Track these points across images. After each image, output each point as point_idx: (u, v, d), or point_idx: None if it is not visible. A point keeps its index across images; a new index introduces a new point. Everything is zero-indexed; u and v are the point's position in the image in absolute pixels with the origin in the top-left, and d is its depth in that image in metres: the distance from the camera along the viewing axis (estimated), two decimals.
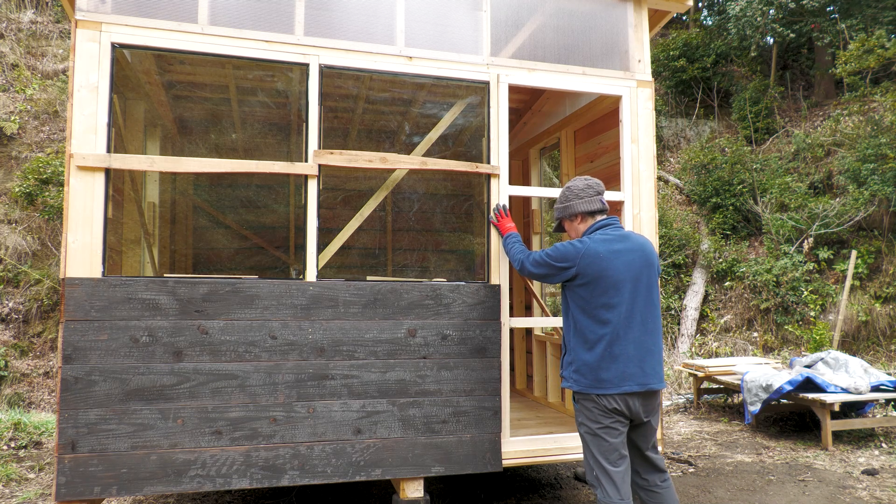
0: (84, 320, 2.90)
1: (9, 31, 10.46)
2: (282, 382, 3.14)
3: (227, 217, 5.76)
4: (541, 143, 5.50)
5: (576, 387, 2.81)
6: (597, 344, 2.76)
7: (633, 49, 3.94)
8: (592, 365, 2.75)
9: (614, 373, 2.73)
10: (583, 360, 2.79)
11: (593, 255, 2.77)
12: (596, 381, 2.74)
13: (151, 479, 2.94)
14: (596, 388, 2.74)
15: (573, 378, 2.83)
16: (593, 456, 2.78)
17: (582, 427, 2.84)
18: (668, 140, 13.04)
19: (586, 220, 2.97)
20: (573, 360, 2.84)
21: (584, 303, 2.79)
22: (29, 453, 5.17)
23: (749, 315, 9.74)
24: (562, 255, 2.84)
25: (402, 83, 4.79)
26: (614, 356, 2.73)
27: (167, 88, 4.73)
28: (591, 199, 2.95)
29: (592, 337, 2.77)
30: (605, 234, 2.85)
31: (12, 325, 8.00)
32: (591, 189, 2.97)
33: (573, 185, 3.02)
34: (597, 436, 2.77)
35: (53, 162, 8.75)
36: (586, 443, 2.82)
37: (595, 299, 2.77)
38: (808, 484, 4.52)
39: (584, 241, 2.84)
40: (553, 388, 5.17)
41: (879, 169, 9.13)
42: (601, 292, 2.76)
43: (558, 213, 3.08)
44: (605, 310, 2.75)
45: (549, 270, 2.91)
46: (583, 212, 2.95)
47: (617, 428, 2.77)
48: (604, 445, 2.76)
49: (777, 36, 11.55)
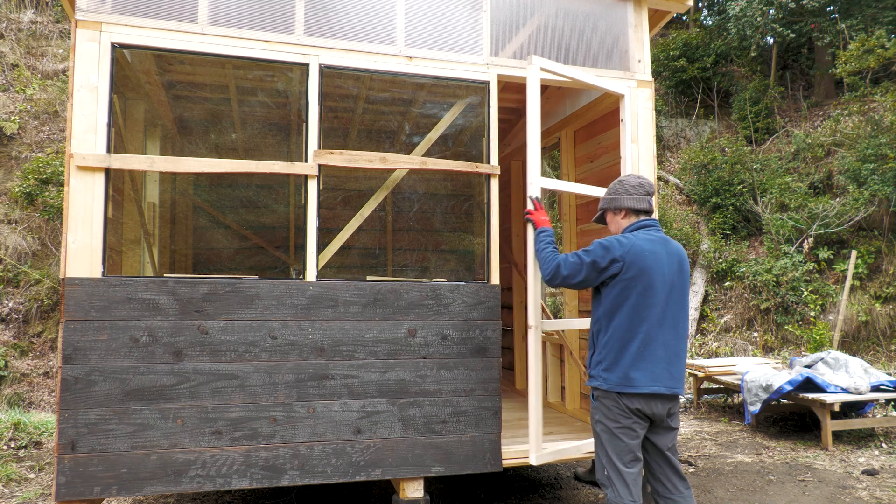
0: (84, 320, 2.90)
1: (9, 31, 10.45)
2: (282, 382, 3.14)
3: (227, 217, 5.76)
4: (541, 142, 5.50)
5: (605, 385, 2.75)
6: (630, 343, 2.71)
7: (633, 49, 3.94)
8: (624, 364, 2.71)
9: (644, 373, 2.69)
10: (613, 358, 2.74)
11: (639, 251, 2.73)
12: (625, 380, 2.70)
13: (151, 479, 2.94)
14: (625, 387, 2.70)
15: (602, 376, 2.77)
16: (607, 455, 2.75)
17: (598, 425, 2.80)
18: (668, 140, 13.04)
19: (630, 217, 2.94)
20: (603, 359, 2.78)
21: (622, 300, 2.74)
22: (29, 453, 5.17)
23: (749, 315, 9.74)
24: (607, 251, 2.75)
25: (402, 83, 4.79)
26: (646, 357, 2.70)
27: (167, 88, 4.73)
28: (641, 197, 2.93)
29: (627, 335, 2.72)
30: (649, 235, 2.82)
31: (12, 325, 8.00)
32: (642, 188, 2.95)
33: (625, 180, 3.00)
34: (614, 435, 2.73)
35: (53, 162, 8.75)
36: (601, 441, 2.79)
37: (634, 298, 2.72)
38: (808, 484, 4.52)
39: (628, 237, 2.79)
40: (553, 388, 5.17)
41: (879, 169, 9.13)
42: (641, 291, 2.72)
43: (604, 203, 3.04)
44: (642, 309, 2.72)
45: (590, 273, 2.78)
46: (629, 208, 2.93)
47: (635, 429, 2.74)
48: (619, 446, 2.73)
49: (777, 36, 11.55)
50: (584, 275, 2.78)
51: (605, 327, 2.80)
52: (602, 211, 3.08)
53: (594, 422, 2.84)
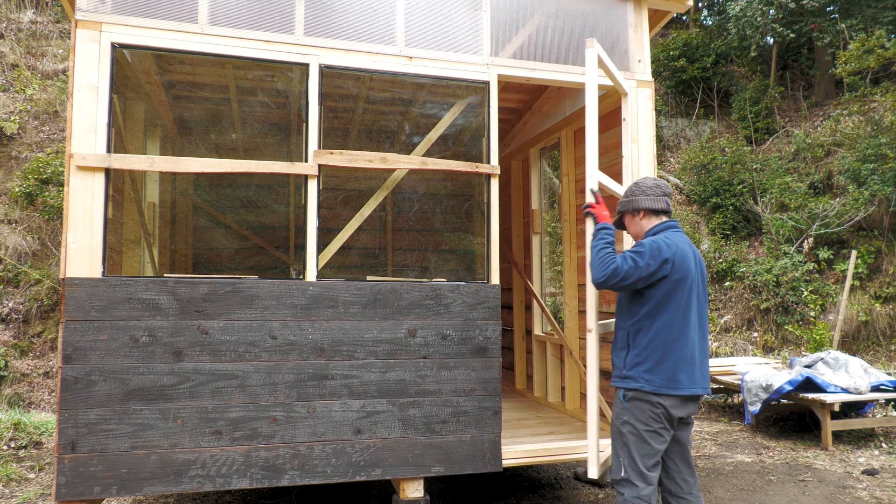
0: (84, 320, 2.90)
1: (9, 31, 10.45)
2: (282, 382, 3.14)
3: (227, 217, 5.76)
4: (541, 143, 5.50)
5: (648, 387, 2.71)
6: (674, 344, 2.71)
7: (633, 49, 3.94)
8: (669, 365, 2.70)
9: (687, 374, 2.71)
10: (658, 359, 2.72)
11: (682, 253, 2.75)
12: (671, 382, 2.69)
13: (151, 479, 2.94)
14: (670, 389, 2.69)
15: (645, 378, 2.73)
16: (631, 457, 2.73)
17: (626, 426, 2.76)
18: (668, 140, 13.04)
19: (649, 218, 2.94)
20: (644, 360, 2.75)
21: (667, 301, 2.73)
22: (29, 453, 5.17)
23: (749, 315, 9.74)
24: (659, 251, 2.72)
25: (402, 83, 4.79)
26: (687, 358, 2.72)
27: (167, 88, 4.73)
28: (658, 197, 2.93)
29: (671, 337, 2.71)
30: (680, 237, 2.83)
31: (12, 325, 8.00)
32: (659, 188, 2.96)
33: (641, 181, 3.00)
34: (642, 438, 2.72)
35: (53, 162, 8.74)
36: (626, 443, 2.76)
37: (677, 299, 2.73)
38: (808, 484, 4.52)
39: (670, 238, 2.78)
40: (553, 388, 5.17)
41: (879, 169, 9.13)
42: (682, 292, 2.73)
43: (621, 206, 3.03)
44: (684, 311, 2.73)
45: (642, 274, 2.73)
46: (646, 208, 2.92)
47: (663, 435, 2.74)
48: (646, 449, 2.72)
49: (777, 36, 11.55)
50: (635, 278, 2.73)
51: (646, 328, 2.77)
52: (620, 214, 3.07)
53: (620, 422, 2.80)
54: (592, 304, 3.15)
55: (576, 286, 4.85)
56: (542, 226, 5.73)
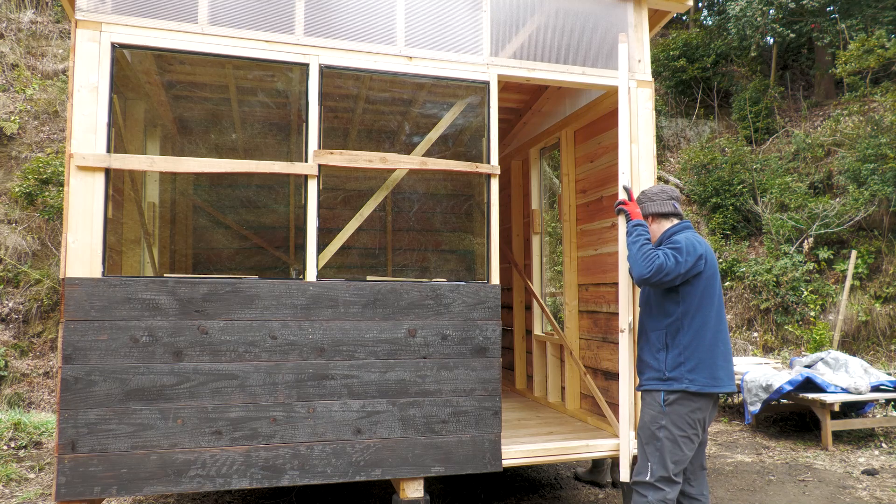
0: (84, 320, 2.90)
1: (9, 31, 10.45)
2: (282, 382, 3.14)
3: (227, 217, 5.76)
4: (541, 143, 5.50)
5: (693, 387, 2.72)
6: (715, 342, 2.75)
7: (633, 49, 3.94)
8: (709, 363, 2.73)
9: (725, 371, 2.75)
10: (700, 357, 2.73)
11: (710, 251, 2.82)
12: (713, 380, 2.72)
13: (151, 479, 2.94)
14: (712, 387, 2.72)
15: (688, 378, 2.73)
16: (663, 461, 2.73)
17: (663, 431, 2.76)
18: (668, 140, 13.03)
19: (659, 222, 2.99)
20: (687, 359, 2.75)
21: (705, 299, 2.76)
22: (29, 453, 5.17)
23: (749, 315, 9.74)
24: (693, 249, 2.76)
25: (402, 83, 4.79)
26: (725, 355, 2.78)
27: (167, 88, 4.73)
28: (664, 202, 2.99)
29: (710, 334, 2.74)
30: (697, 237, 2.88)
31: (12, 325, 8.00)
32: (665, 193, 3.02)
33: (647, 190, 3.10)
34: (677, 444, 2.74)
35: (53, 162, 8.74)
36: (661, 448, 2.75)
37: (713, 296, 2.78)
38: (808, 484, 4.52)
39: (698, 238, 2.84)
40: (553, 388, 5.17)
41: (879, 169, 9.13)
42: (713, 289, 2.79)
43: None
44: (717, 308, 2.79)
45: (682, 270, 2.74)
46: (654, 213, 2.99)
47: (694, 441, 2.78)
48: (678, 455, 2.74)
49: (777, 36, 11.55)
50: (676, 274, 2.75)
51: (685, 326, 2.77)
52: None
53: (657, 426, 2.79)
54: (626, 303, 3.12)
55: (576, 286, 4.85)
56: (542, 226, 5.73)
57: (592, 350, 4.57)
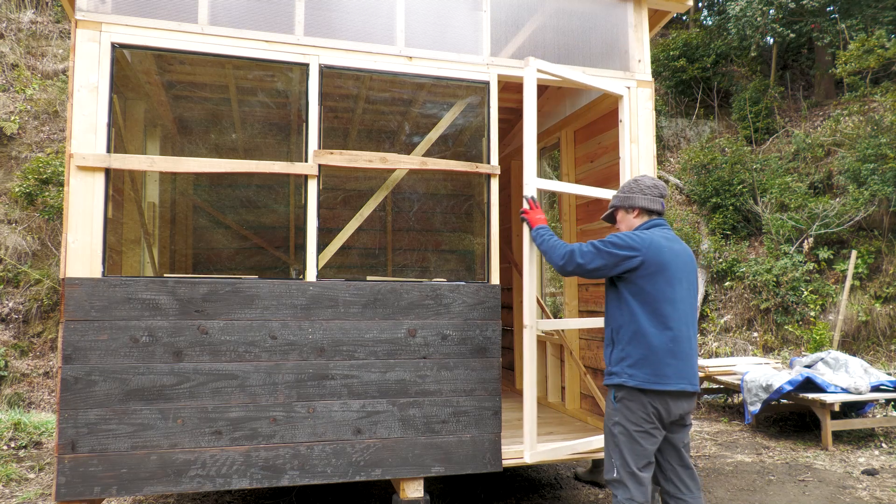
0: (84, 320, 2.90)
1: (9, 31, 10.45)
2: (282, 382, 3.14)
3: (227, 217, 5.76)
4: (541, 143, 5.50)
5: (631, 382, 2.70)
6: (658, 338, 2.69)
7: (633, 49, 3.94)
8: (653, 359, 2.68)
9: (674, 369, 2.67)
10: (641, 354, 2.70)
11: (657, 246, 2.75)
12: (655, 377, 2.67)
13: (151, 479, 2.94)
14: (654, 384, 2.66)
15: (628, 373, 2.72)
16: (622, 458, 2.71)
17: (617, 427, 2.75)
18: (668, 140, 13.04)
19: (642, 217, 2.96)
20: (627, 356, 2.74)
21: (646, 295, 2.73)
22: (29, 453, 5.17)
23: (749, 315, 9.74)
24: (626, 243, 2.76)
25: (402, 83, 4.79)
26: (675, 353, 2.68)
27: (167, 88, 4.73)
28: (655, 198, 2.96)
29: (654, 331, 2.70)
30: (664, 233, 2.85)
31: (12, 325, 8.00)
32: (657, 189, 2.99)
33: (641, 179, 3.02)
34: (633, 439, 2.70)
35: (53, 162, 8.74)
36: (617, 443, 2.74)
37: (658, 292, 2.72)
38: (808, 484, 4.52)
39: (646, 233, 2.81)
40: (553, 388, 5.17)
41: (879, 169, 9.13)
42: (664, 285, 2.72)
43: (617, 201, 3.05)
44: (667, 304, 2.71)
45: (608, 260, 2.76)
46: (643, 207, 2.95)
47: (654, 435, 2.71)
48: (637, 450, 2.69)
49: (777, 36, 11.55)
50: (601, 261, 2.76)
51: (627, 323, 2.77)
52: (613, 209, 3.08)
53: (612, 423, 2.79)
54: (529, 302, 3.27)
55: (576, 286, 4.85)
56: None
57: (592, 350, 4.57)
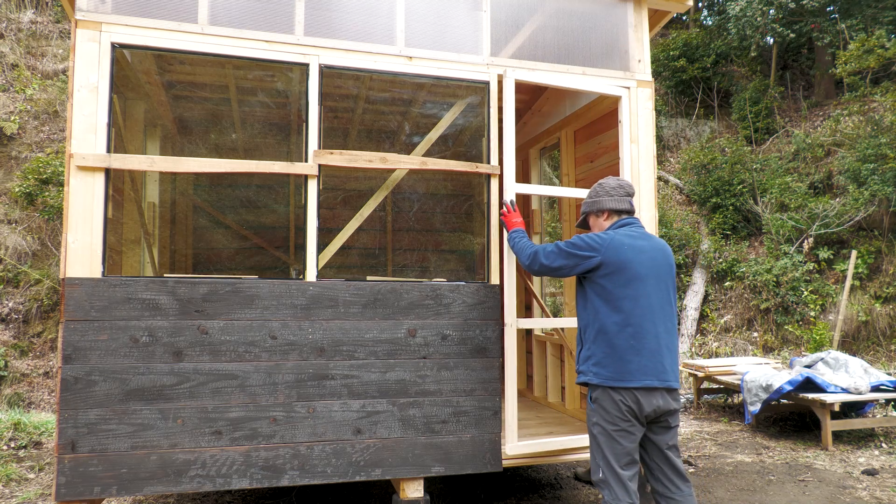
0: (84, 320, 2.90)
1: (9, 31, 10.45)
2: (282, 382, 3.14)
3: (227, 217, 5.76)
4: (541, 143, 5.50)
5: (595, 379, 2.73)
6: (619, 335, 2.70)
7: (633, 49, 3.94)
8: (615, 357, 2.69)
9: (636, 365, 2.67)
10: (604, 352, 2.73)
11: (618, 245, 2.76)
12: (617, 374, 2.68)
13: (151, 479, 2.94)
14: (617, 381, 2.67)
15: (592, 371, 2.75)
16: (604, 457, 2.72)
17: (595, 427, 2.77)
18: (668, 140, 13.04)
19: (612, 218, 2.99)
20: (592, 354, 2.77)
21: (608, 294, 2.75)
22: (29, 453, 5.17)
23: (749, 315, 9.74)
24: (586, 243, 2.80)
25: (402, 83, 4.79)
26: (637, 349, 2.68)
27: (167, 88, 4.73)
28: (621, 198, 2.99)
29: (615, 329, 2.71)
30: (630, 231, 2.86)
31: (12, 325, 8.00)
32: (622, 189, 3.01)
33: (605, 182, 3.05)
34: (611, 437, 2.70)
35: (53, 162, 8.74)
36: (598, 444, 2.75)
37: (619, 290, 2.73)
38: (808, 484, 4.52)
39: (608, 233, 2.84)
40: (553, 388, 5.17)
41: (879, 169, 9.13)
42: (625, 283, 2.73)
43: (586, 207, 3.08)
44: (628, 301, 2.72)
45: (569, 261, 2.83)
46: (610, 209, 2.98)
47: (632, 432, 2.71)
48: (617, 448, 2.70)
49: (777, 36, 11.55)
50: (561, 262, 2.87)
51: (592, 322, 2.80)
52: (584, 215, 3.13)
53: (591, 424, 2.81)
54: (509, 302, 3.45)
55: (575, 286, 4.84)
56: (542, 226, 5.73)
57: None
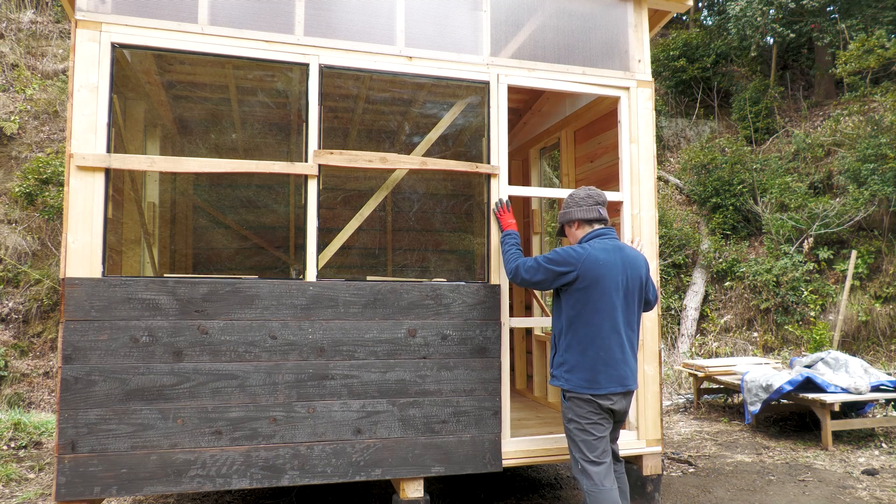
0: (84, 320, 2.90)
1: (9, 31, 10.46)
2: (282, 382, 3.14)
3: (227, 217, 5.76)
4: (541, 143, 5.50)
5: (567, 385, 2.96)
6: (590, 346, 2.91)
7: (633, 49, 3.94)
8: (585, 366, 2.92)
9: (605, 375, 2.90)
10: (576, 360, 2.94)
11: (594, 260, 2.92)
12: (587, 382, 2.91)
13: (151, 479, 2.94)
14: (587, 389, 2.91)
15: (565, 377, 2.98)
16: (580, 450, 2.95)
17: (571, 423, 2.99)
18: (668, 140, 13.03)
19: (583, 227, 3.14)
20: (565, 361, 2.99)
21: (581, 306, 2.93)
22: (29, 453, 5.17)
23: (749, 315, 9.74)
24: (563, 259, 2.96)
25: (402, 83, 4.79)
26: (605, 360, 2.91)
27: (167, 88, 4.73)
28: (590, 207, 3.12)
29: (586, 340, 2.92)
30: (604, 244, 3.01)
31: (12, 325, 8.00)
32: (591, 199, 3.14)
33: (575, 193, 3.19)
34: (585, 431, 2.94)
35: (53, 162, 8.75)
36: (573, 438, 2.98)
37: (591, 303, 2.91)
38: (808, 484, 4.52)
39: (584, 248, 2.98)
40: (553, 389, 5.17)
41: (879, 169, 9.13)
42: (598, 297, 2.90)
43: (560, 218, 3.25)
44: (599, 314, 2.91)
45: (547, 276, 2.99)
46: (580, 219, 3.13)
47: (603, 424, 2.96)
48: (590, 440, 2.93)
49: (777, 36, 11.55)
50: (541, 276, 3.01)
51: (565, 331, 3.00)
52: (560, 225, 3.29)
53: (566, 420, 3.03)
54: (505, 301, 3.54)
55: None
56: (542, 226, 5.73)
57: None
